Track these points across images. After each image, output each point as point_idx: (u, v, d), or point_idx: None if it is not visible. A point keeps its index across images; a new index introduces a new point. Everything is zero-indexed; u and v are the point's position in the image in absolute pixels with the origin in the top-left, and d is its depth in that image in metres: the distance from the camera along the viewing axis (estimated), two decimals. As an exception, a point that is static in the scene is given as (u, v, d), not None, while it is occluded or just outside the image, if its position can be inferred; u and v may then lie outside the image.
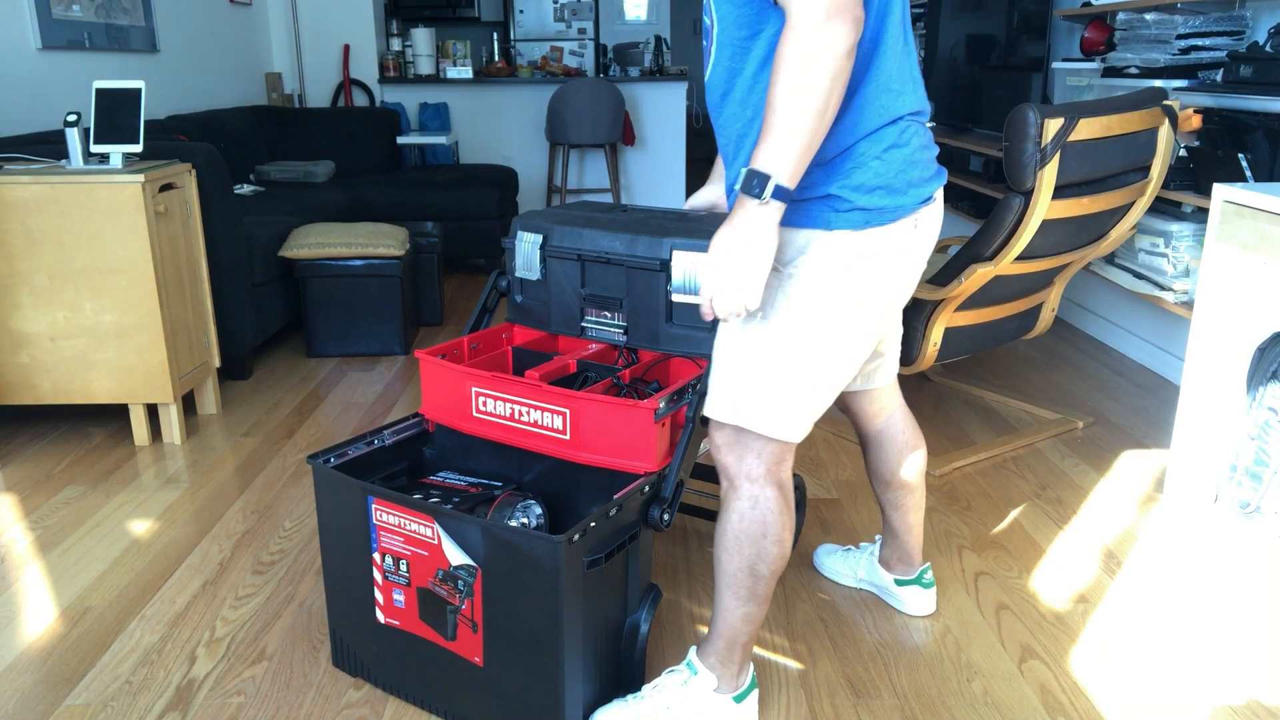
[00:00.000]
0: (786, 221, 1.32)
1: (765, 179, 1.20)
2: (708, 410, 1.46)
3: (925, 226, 1.40)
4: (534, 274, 1.83)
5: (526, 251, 1.83)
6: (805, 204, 1.34)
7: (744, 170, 1.22)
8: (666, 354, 1.79)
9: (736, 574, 1.46)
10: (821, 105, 1.17)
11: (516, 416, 1.65)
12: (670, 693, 1.52)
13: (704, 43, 1.41)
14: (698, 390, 1.59)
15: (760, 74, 1.30)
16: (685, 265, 1.66)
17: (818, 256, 1.35)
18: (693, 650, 1.56)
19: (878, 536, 1.96)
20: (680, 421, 1.60)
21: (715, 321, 1.48)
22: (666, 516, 1.54)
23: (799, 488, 2.10)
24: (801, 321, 1.37)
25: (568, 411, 1.58)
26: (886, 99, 1.31)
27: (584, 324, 1.79)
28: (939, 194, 1.43)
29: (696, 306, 1.65)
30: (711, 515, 2.26)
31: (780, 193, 1.21)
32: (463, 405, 1.72)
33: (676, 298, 1.69)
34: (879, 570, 1.92)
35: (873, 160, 1.32)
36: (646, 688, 1.54)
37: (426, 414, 1.81)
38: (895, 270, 1.40)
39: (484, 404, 1.68)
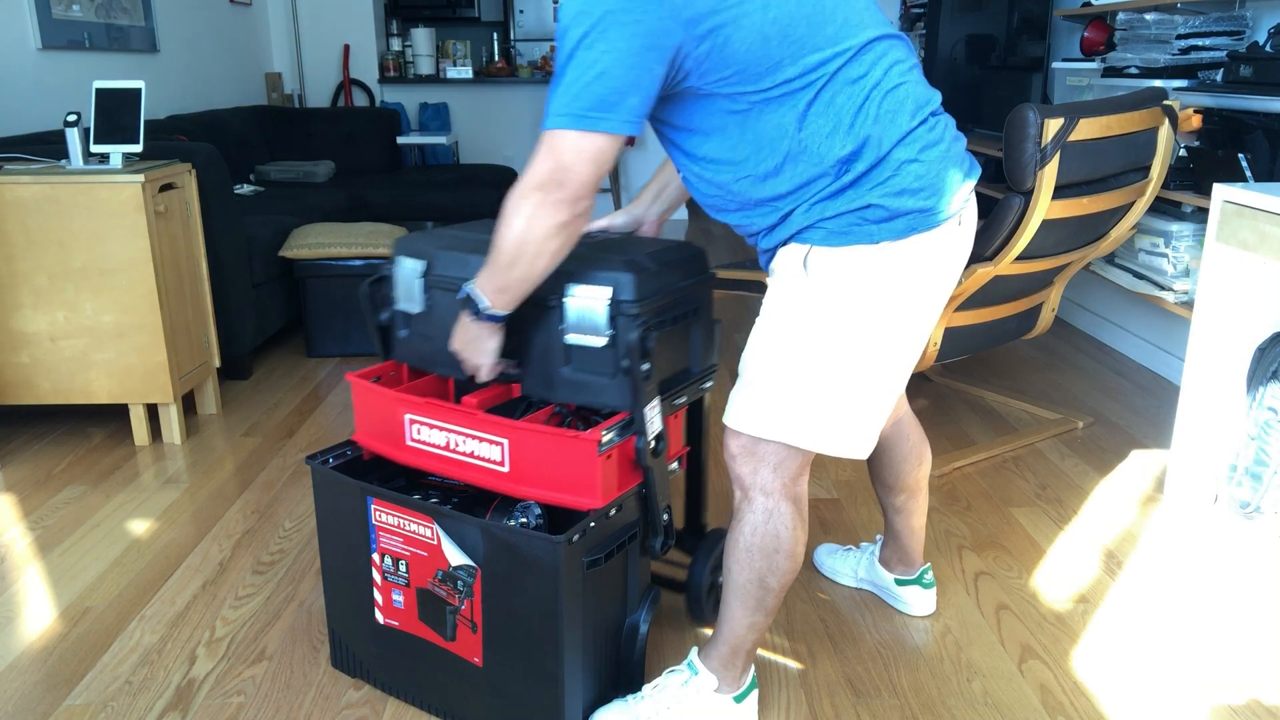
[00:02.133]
0: (825, 242, 1.31)
1: (478, 304, 1.37)
2: (730, 422, 1.42)
3: (968, 220, 1.37)
4: (416, 306, 1.58)
5: (407, 280, 1.58)
6: (839, 218, 1.29)
7: (467, 290, 1.38)
8: (561, 404, 1.56)
9: (746, 585, 1.45)
10: (522, 267, 1.30)
11: (452, 446, 1.53)
12: (671, 692, 1.51)
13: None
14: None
15: (719, 160, 1.32)
16: (583, 302, 1.43)
17: (862, 273, 1.31)
18: (694, 651, 1.56)
19: (878, 536, 1.96)
20: (629, 453, 1.48)
21: (632, 365, 1.41)
22: (668, 542, 1.57)
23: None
24: (853, 338, 1.33)
25: (505, 442, 1.47)
26: (909, 101, 1.28)
27: None
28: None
29: (597, 350, 1.45)
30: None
31: (493, 316, 1.38)
32: (396, 432, 1.59)
33: (571, 338, 1.45)
34: (879, 570, 1.92)
35: (910, 164, 1.27)
36: (647, 687, 1.54)
37: (359, 441, 1.68)
38: (944, 271, 1.35)
39: (417, 432, 1.57)
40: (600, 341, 1.42)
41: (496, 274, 1.33)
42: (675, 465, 1.70)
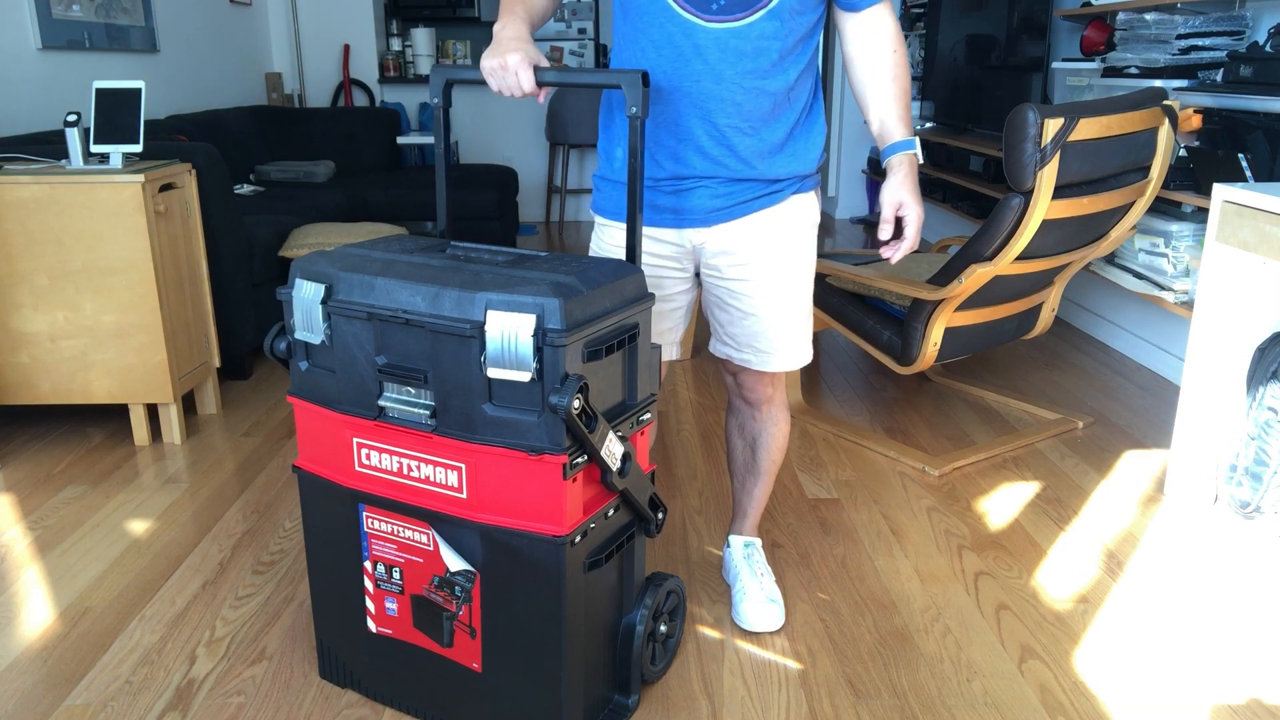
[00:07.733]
0: (810, 188, 1.68)
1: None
2: (792, 365, 1.73)
3: None
4: (316, 336, 1.43)
5: (306, 305, 1.42)
6: (813, 175, 1.69)
7: (916, 141, 1.61)
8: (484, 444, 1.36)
9: (776, 467, 1.90)
10: None
11: (405, 471, 1.43)
12: (764, 560, 1.94)
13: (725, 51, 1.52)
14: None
15: (804, 73, 1.59)
16: (505, 328, 1.27)
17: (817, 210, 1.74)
18: (737, 536, 1.94)
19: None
20: (595, 476, 1.41)
21: (545, 402, 1.29)
22: (661, 517, 1.58)
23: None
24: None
25: (463, 466, 1.37)
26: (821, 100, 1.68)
27: (382, 402, 1.41)
28: None
29: (522, 385, 1.31)
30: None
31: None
32: (343, 457, 1.49)
33: (493, 372, 1.30)
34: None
35: (822, 143, 1.70)
36: (746, 575, 1.88)
37: (303, 467, 1.56)
38: None
39: (367, 457, 1.46)
40: (525, 376, 1.28)
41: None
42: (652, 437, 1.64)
